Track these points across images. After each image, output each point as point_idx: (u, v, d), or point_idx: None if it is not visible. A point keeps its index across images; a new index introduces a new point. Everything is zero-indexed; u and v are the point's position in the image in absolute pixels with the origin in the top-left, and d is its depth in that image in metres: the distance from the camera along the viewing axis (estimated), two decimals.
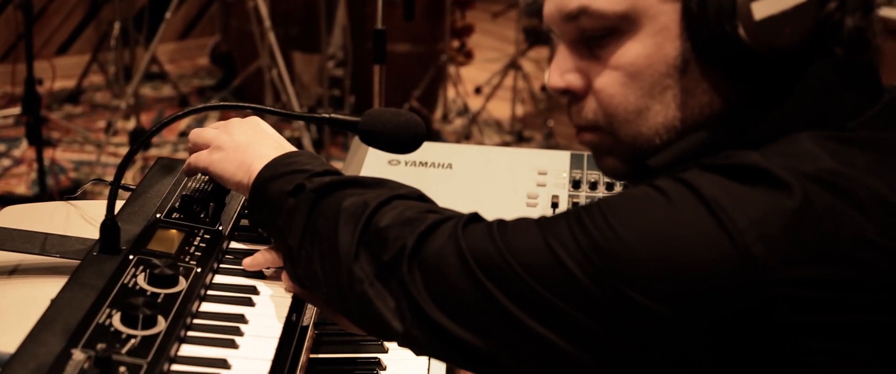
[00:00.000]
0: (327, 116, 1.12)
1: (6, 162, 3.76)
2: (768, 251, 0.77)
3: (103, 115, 4.19)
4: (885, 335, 0.80)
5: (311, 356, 1.33)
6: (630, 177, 0.94)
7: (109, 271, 1.03)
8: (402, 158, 1.77)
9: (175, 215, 1.16)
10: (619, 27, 0.89)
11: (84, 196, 1.34)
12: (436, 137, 4.05)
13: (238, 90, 4.32)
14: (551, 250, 0.83)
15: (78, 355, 0.89)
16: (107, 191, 1.29)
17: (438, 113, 4.22)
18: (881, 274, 0.78)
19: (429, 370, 1.33)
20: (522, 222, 0.88)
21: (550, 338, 0.83)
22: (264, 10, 3.52)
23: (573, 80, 0.93)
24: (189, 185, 1.23)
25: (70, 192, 2.41)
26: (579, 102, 0.94)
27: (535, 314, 0.83)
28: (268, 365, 0.97)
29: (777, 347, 0.79)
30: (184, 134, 4.15)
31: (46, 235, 1.16)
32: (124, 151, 3.78)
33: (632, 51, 0.89)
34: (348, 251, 0.94)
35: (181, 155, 3.86)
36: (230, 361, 0.96)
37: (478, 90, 4.53)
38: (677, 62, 0.88)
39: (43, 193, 3.29)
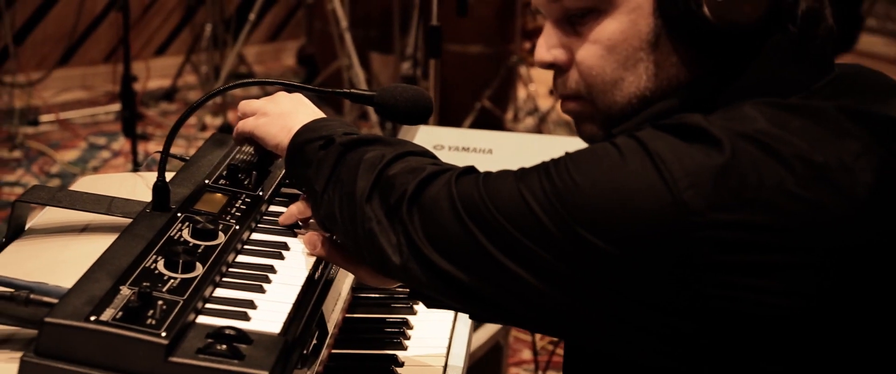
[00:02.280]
0: (348, 91, 1.26)
1: (106, 154, 4.03)
2: (698, 198, 0.89)
3: (196, 113, 4.44)
4: (803, 274, 0.89)
5: (347, 315, 1.47)
6: (601, 140, 1.05)
7: (159, 225, 1.18)
8: (445, 143, 1.90)
9: (222, 181, 1.31)
10: (598, 6, 1.02)
11: (149, 168, 1.51)
12: None
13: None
14: (522, 196, 0.95)
15: (125, 291, 1.04)
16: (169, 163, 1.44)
17: (510, 113, 4.33)
18: (798, 220, 0.89)
19: (452, 329, 1.45)
20: (504, 173, 1.01)
21: (521, 274, 0.95)
22: (341, 12, 3.70)
23: (558, 54, 1.06)
24: (237, 156, 1.38)
25: None
26: (564, 74, 1.07)
27: (508, 252, 0.96)
28: (289, 307, 1.10)
29: (708, 284, 0.89)
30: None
31: (112, 198, 1.32)
32: None
33: (609, 27, 1.01)
34: (363, 194, 1.08)
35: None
36: (256, 302, 1.09)
37: (552, 91, 4.62)
38: (650, 37, 1.00)
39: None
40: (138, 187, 1.44)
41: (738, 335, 0.91)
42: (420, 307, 1.49)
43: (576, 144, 1.95)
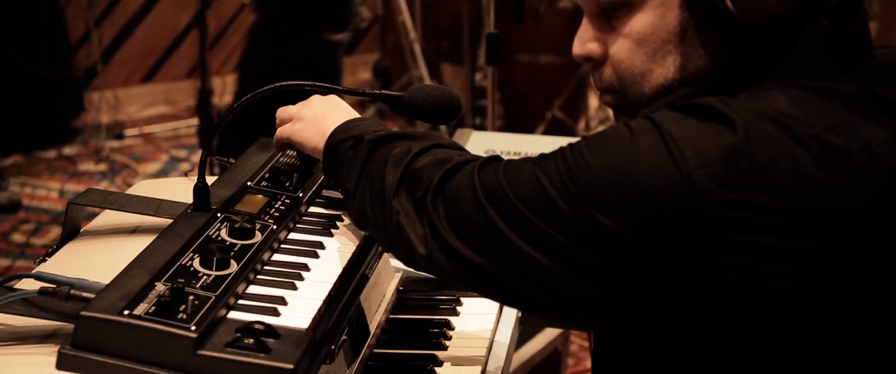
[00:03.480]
0: (377, 92, 1.28)
1: (186, 166, 4.16)
2: (707, 177, 0.88)
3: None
4: (814, 260, 0.87)
5: (390, 316, 1.49)
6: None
7: (198, 224, 1.22)
8: (498, 149, 1.91)
9: (263, 183, 1.35)
10: (629, 1, 1.03)
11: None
12: None
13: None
14: (538, 180, 0.97)
15: (159, 286, 1.08)
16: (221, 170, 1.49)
17: (581, 123, 4.30)
18: (811, 202, 0.87)
19: (495, 330, 1.45)
20: (523, 160, 1.03)
21: (538, 258, 0.97)
22: (410, 24, 3.74)
23: (593, 48, 1.08)
24: (282, 159, 1.42)
25: None
26: (599, 68, 1.09)
27: (525, 236, 0.97)
28: (319, 304, 1.12)
29: (717, 265, 0.89)
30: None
31: (161, 200, 1.37)
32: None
33: (640, 21, 1.03)
34: (391, 189, 1.11)
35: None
36: (288, 298, 1.12)
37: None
38: (677, 30, 1.01)
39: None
40: (188, 191, 1.49)
41: (747, 319, 0.90)
42: (463, 308, 1.50)
43: None
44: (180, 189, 1.53)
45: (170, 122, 4.53)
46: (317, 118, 1.29)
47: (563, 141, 2.03)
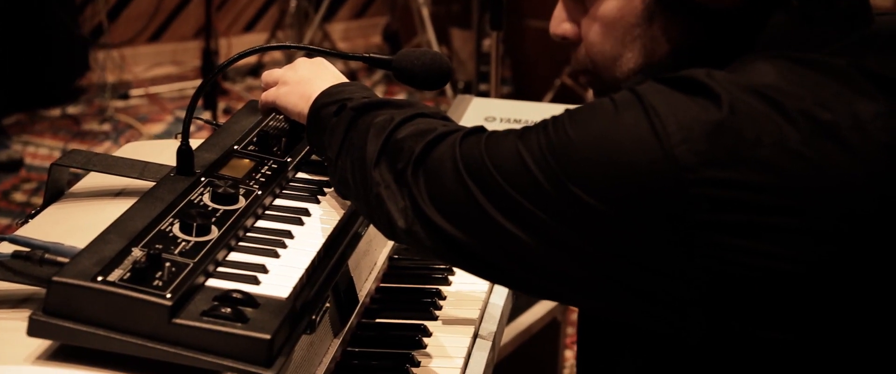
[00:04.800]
0: (365, 55, 1.24)
1: (192, 127, 4.13)
2: (690, 154, 0.85)
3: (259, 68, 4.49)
4: (802, 238, 0.83)
5: (381, 284, 1.46)
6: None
7: (181, 188, 1.18)
8: (497, 116, 1.86)
9: (251, 147, 1.31)
10: None
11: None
12: None
13: None
14: (519, 154, 0.93)
15: (136, 252, 1.04)
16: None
17: (590, 90, 4.25)
18: (798, 179, 0.83)
19: (487, 300, 1.42)
20: (506, 132, 0.99)
21: (518, 234, 0.93)
22: None
23: (567, 28, 1.06)
24: (270, 123, 1.38)
25: None
26: (576, 48, 1.06)
27: (505, 211, 0.94)
28: (300, 273, 1.09)
29: (701, 244, 0.85)
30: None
31: (147, 163, 1.34)
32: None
33: (608, 4, 1.00)
34: (372, 159, 1.07)
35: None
36: (269, 266, 1.09)
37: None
38: (644, 14, 0.98)
39: None
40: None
41: (734, 299, 0.86)
42: (455, 278, 1.47)
43: None
44: (169, 152, 1.49)
45: (176, 82, 4.49)
46: (302, 82, 1.25)
47: (564, 108, 2.00)
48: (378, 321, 1.37)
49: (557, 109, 1.91)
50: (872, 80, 0.88)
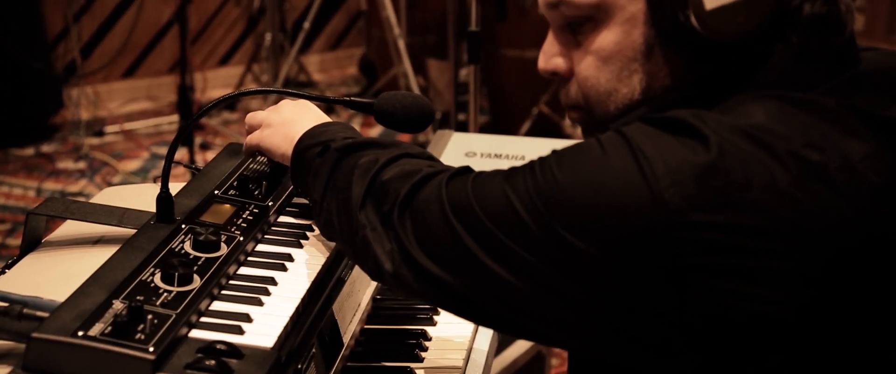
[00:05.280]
0: (346, 98, 1.23)
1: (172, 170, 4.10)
2: (679, 197, 0.84)
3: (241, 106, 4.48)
4: (793, 281, 0.83)
5: (365, 326, 1.44)
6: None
7: (161, 237, 1.16)
8: (478, 151, 1.86)
9: (231, 191, 1.29)
10: (594, 16, 0.98)
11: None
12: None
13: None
14: (507, 196, 0.92)
15: (117, 304, 1.02)
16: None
17: (567, 119, 4.26)
18: (788, 222, 0.83)
19: (472, 339, 1.41)
20: (493, 173, 0.98)
21: (506, 277, 0.92)
22: (394, 19, 3.69)
23: (559, 63, 1.03)
24: (251, 166, 1.36)
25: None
26: (566, 83, 1.03)
27: (493, 254, 0.93)
28: (285, 321, 1.07)
29: (692, 288, 0.84)
30: None
31: (126, 209, 1.32)
32: None
33: (605, 37, 0.98)
34: (357, 201, 1.06)
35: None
36: (252, 315, 1.07)
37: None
38: (643, 48, 0.96)
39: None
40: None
41: (728, 341, 0.85)
42: (441, 317, 1.45)
43: None
44: (148, 196, 1.47)
45: (151, 118, 4.46)
46: (285, 124, 1.24)
47: (546, 142, 2.00)
48: (363, 365, 1.36)
49: (538, 142, 1.92)
50: (861, 119, 0.88)
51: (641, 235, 0.84)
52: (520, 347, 2.14)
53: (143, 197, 1.44)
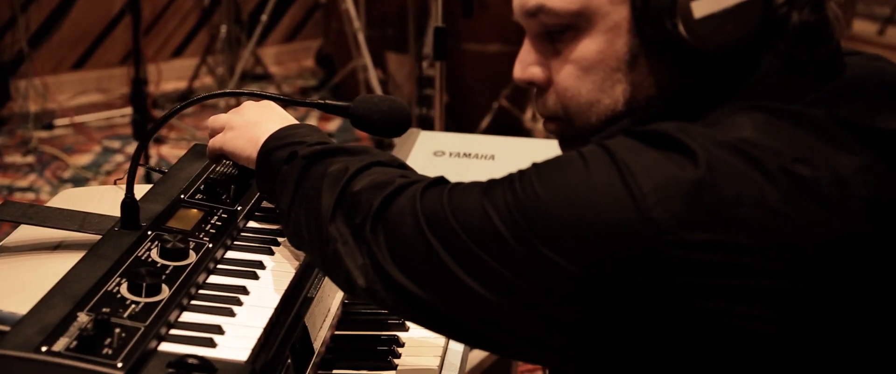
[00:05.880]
0: (321, 101, 1.19)
1: (120, 158, 4.00)
2: (667, 215, 0.81)
3: (211, 114, 4.40)
4: (785, 300, 0.81)
5: (336, 332, 1.40)
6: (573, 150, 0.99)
7: (126, 244, 1.12)
8: (446, 149, 1.83)
9: (198, 195, 1.25)
10: (575, 24, 0.94)
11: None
12: (526, 136, 4.08)
13: (336, 89, 4.47)
14: (485, 211, 0.89)
15: (82, 317, 0.98)
16: (157, 176, 1.39)
17: (528, 113, 4.24)
18: (779, 240, 0.81)
19: (446, 346, 1.38)
20: (471, 186, 0.94)
21: (485, 295, 0.89)
22: (353, 12, 3.64)
23: (536, 72, 0.99)
24: (217, 169, 1.32)
25: None
26: (543, 94, 1.00)
27: (470, 270, 0.90)
28: (259, 333, 1.03)
29: (681, 309, 0.82)
30: None
31: (86, 214, 1.26)
32: None
33: (587, 47, 0.94)
34: (327, 213, 1.02)
35: None
36: (224, 327, 1.03)
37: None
38: (627, 57, 0.93)
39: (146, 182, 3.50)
40: (118, 201, 1.38)
41: (715, 361, 0.83)
42: (412, 324, 1.42)
43: None
44: (109, 199, 1.42)
45: (102, 111, 4.36)
46: (249, 126, 1.20)
47: (516, 141, 1.98)
48: (334, 372, 1.32)
49: (508, 142, 1.90)
50: (849, 130, 0.87)
51: (627, 253, 0.82)
52: None
53: (103, 200, 1.39)
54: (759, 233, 0.81)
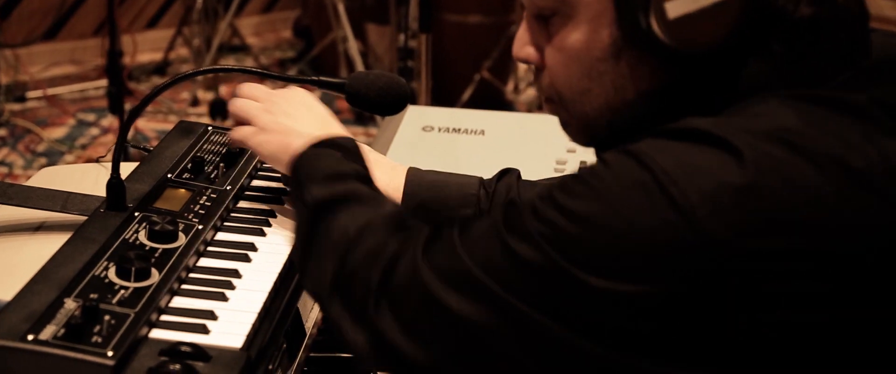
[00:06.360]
0: (315, 78, 1.15)
1: (95, 131, 3.93)
2: (721, 226, 0.76)
3: (187, 86, 4.33)
4: (843, 304, 0.78)
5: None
6: (592, 146, 0.97)
7: (113, 226, 1.08)
8: (435, 124, 1.79)
9: (186, 175, 1.21)
10: (561, 10, 0.91)
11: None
12: (508, 108, 4.04)
13: (315, 61, 4.40)
14: (512, 252, 0.82)
15: (69, 303, 0.94)
16: (134, 151, 1.34)
17: (510, 85, 4.21)
18: (838, 240, 0.77)
19: None
20: (482, 227, 0.87)
21: (518, 340, 0.82)
22: None
23: (530, 52, 0.96)
24: (204, 147, 1.28)
25: None
26: (541, 74, 0.96)
27: (503, 318, 0.82)
28: (253, 317, 1.00)
29: (737, 321, 0.77)
30: None
31: (69, 194, 1.22)
32: (204, 121, 3.89)
33: (572, 35, 0.91)
34: (329, 286, 0.96)
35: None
36: (217, 312, 1.00)
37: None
38: (611, 49, 0.89)
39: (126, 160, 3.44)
40: (101, 180, 1.33)
41: (773, 365, 0.79)
42: None
43: None
44: (91, 178, 1.38)
45: (76, 83, 4.27)
46: (280, 130, 1.12)
47: (507, 116, 1.94)
48: (328, 355, 1.29)
49: (497, 116, 1.86)
50: (890, 113, 0.82)
51: (684, 272, 0.76)
52: None
53: (85, 179, 1.35)
54: (820, 234, 0.76)
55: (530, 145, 1.73)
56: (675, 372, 0.80)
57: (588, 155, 1.72)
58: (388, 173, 1.21)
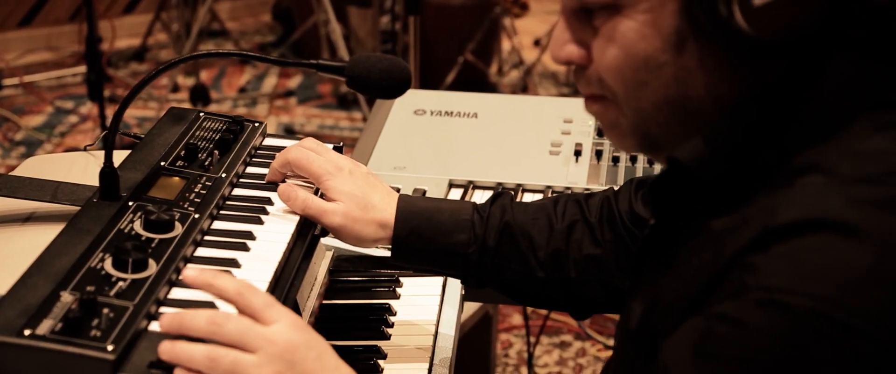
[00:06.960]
0: (315, 62, 1.12)
1: (74, 118, 3.88)
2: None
3: (167, 72, 4.28)
4: None
5: (324, 301, 1.35)
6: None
7: (107, 217, 1.05)
8: (426, 108, 1.77)
9: (179, 162, 1.18)
10: (614, 2, 0.86)
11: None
12: (491, 90, 4.02)
13: (296, 45, 4.36)
14: None
15: (66, 297, 0.91)
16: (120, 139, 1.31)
17: (494, 67, 4.19)
18: None
19: (439, 314, 1.34)
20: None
21: None
22: None
23: (573, 51, 0.91)
24: (197, 133, 1.25)
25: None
26: (584, 71, 0.91)
27: None
28: None
29: None
30: (243, 90, 4.20)
31: (59, 183, 1.19)
32: (185, 106, 3.85)
33: (626, 25, 0.85)
34: None
35: (240, 110, 3.91)
36: (217, 303, 0.97)
37: (537, 42, 4.48)
38: (673, 40, 0.84)
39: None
40: (90, 169, 1.31)
41: None
42: (404, 291, 1.38)
43: (562, 105, 1.81)
44: (79, 167, 1.35)
45: (53, 70, 4.21)
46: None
47: (498, 98, 1.91)
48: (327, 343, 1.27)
49: (489, 98, 1.83)
50: None
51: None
52: (468, 309, 2.09)
53: (73, 168, 1.31)
54: None
55: (524, 128, 1.71)
56: None
57: (583, 137, 1.70)
58: (385, 199, 1.19)
